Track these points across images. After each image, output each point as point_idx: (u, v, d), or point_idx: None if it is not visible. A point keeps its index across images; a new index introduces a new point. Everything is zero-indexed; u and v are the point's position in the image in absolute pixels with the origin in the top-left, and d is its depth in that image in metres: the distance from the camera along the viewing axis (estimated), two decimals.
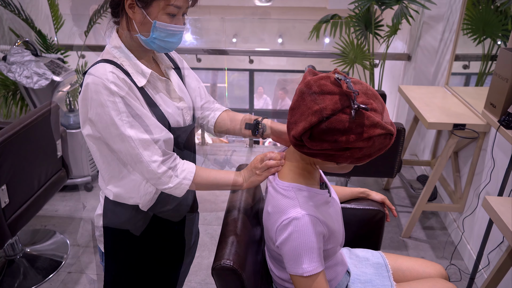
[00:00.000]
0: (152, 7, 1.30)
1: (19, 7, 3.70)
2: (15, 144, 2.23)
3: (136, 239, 1.53)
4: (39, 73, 3.17)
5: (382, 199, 1.90)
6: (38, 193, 2.55)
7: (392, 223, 3.30)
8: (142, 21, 1.32)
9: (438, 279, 1.69)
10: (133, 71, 1.36)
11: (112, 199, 1.47)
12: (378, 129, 1.14)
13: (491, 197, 1.88)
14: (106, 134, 1.32)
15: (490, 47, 3.01)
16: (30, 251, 2.91)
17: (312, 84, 1.18)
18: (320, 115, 1.13)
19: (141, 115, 1.32)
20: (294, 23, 9.13)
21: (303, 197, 1.32)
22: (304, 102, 1.18)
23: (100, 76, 1.27)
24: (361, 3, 3.72)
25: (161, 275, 1.64)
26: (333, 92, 1.15)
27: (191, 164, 1.45)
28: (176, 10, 1.32)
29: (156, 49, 1.39)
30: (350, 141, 1.13)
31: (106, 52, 1.39)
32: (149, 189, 1.43)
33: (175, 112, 1.46)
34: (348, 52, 3.96)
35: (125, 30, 1.37)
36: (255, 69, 8.38)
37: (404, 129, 2.62)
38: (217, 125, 1.70)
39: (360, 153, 1.17)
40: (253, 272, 1.46)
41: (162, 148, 1.35)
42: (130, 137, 1.30)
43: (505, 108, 2.27)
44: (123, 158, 1.37)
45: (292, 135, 1.21)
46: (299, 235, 1.25)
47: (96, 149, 1.40)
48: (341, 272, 1.62)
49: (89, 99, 1.29)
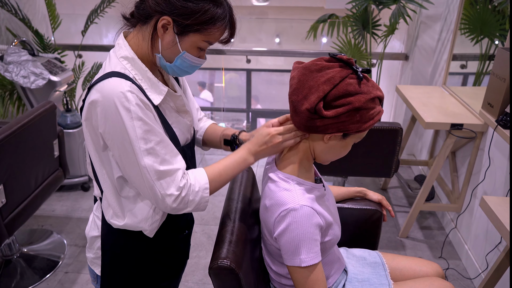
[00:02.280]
0: (187, 37, 1.24)
1: (16, 6, 3.68)
2: (12, 144, 2.23)
3: (137, 264, 1.49)
4: (36, 72, 3.16)
5: (379, 199, 1.90)
6: (35, 193, 2.54)
7: (389, 223, 3.30)
8: (171, 46, 1.25)
9: (435, 278, 1.69)
10: (147, 86, 1.28)
11: (116, 227, 1.39)
12: (378, 91, 1.27)
13: (489, 197, 1.88)
14: (121, 160, 1.24)
15: (488, 46, 3.01)
16: (27, 251, 2.90)
17: (310, 65, 1.28)
18: (331, 83, 1.22)
19: (160, 142, 1.23)
20: (291, 23, 9.14)
21: (300, 189, 1.35)
22: (308, 80, 1.25)
23: (117, 94, 1.16)
24: (359, 2, 3.72)
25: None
26: (332, 67, 1.25)
27: (203, 177, 1.33)
28: (208, 46, 1.29)
29: (168, 72, 1.33)
30: (362, 100, 1.22)
31: (114, 63, 1.27)
32: (156, 216, 1.38)
33: (186, 129, 1.43)
34: (345, 51, 3.96)
35: (144, 42, 1.28)
36: (253, 69, 8.37)
37: (402, 129, 2.62)
38: (204, 138, 1.69)
39: (367, 115, 1.25)
40: (251, 271, 1.46)
41: (178, 180, 1.26)
42: (145, 168, 1.21)
43: (503, 107, 2.27)
44: (135, 186, 1.29)
45: (306, 108, 1.24)
46: (297, 226, 1.28)
47: (101, 171, 1.33)
48: (338, 271, 1.63)
49: (101, 119, 1.19)
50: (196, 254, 2.93)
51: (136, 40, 1.29)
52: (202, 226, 3.24)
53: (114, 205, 1.36)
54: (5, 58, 3.18)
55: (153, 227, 1.38)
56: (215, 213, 3.39)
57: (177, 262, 1.62)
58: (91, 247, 1.50)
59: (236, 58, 7.46)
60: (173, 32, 1.23)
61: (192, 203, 1.30)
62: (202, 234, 3.14)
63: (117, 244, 1.45)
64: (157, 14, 1.21)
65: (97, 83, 1.21)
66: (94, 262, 1.51)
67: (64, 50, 4.12)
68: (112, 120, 1.18)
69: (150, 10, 1.22)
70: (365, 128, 1.27)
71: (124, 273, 1.49)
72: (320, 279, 1.33)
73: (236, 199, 1.63)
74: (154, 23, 1.23)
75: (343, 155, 1.40)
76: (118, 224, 1.37)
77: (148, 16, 1.24)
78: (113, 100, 1.16)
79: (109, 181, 1.34)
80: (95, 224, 1.48)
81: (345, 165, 2.79)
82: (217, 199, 3.56)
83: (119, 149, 1.21)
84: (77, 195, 3.63)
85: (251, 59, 4.68)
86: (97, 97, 1.18)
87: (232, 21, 1.29)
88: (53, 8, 3.91)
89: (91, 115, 1.21)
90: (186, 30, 1.22)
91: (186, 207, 1.30)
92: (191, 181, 1.30)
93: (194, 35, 1.23)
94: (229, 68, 9.69)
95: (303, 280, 1.32)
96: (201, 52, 1.30)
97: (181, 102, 1.41)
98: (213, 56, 5.06)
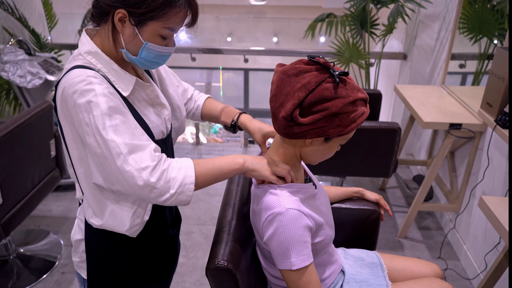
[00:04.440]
0: (146, 27, 1.20)
1: (13, 6, 3.67)
2: (9, 144, 2.22)
3: (123, 265, 1.46)
4: (32, 72, 3.15)
5: (377, 199, 1.89)
6: (32, 193, 2.53)
7: (388, 223, 3.29)
8: (132, 39, 1.22)
9: (434, 278, 1.69)
10: (114, 79, 1.25)
11: (96, 227, 1.35)
12: (360, 93, 1.24)
13: (488, 197, 1.87)
14: (87, 143, 1.17)
15: (487, 46, 3.01)
16: (24, 251, 2.89)
17: (288, 69, 1.26)
18: (306, 89, 1.20)
19: (126, 122, 1.18)
20: (289, 22, 9.14)
21: (287, 192, 1.34)
22: (285, 86, 1.24)
23: (79, 79, 1.14)
24: (357, 1, 3.71)
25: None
26: (310, 70, 1.23)
27: (185, 158, 1.27)
28: (171, 33, 1.25)
29: (138, 66, 1.30)
30: (339, 105, 1.19)
31: (78, 59, 1.25)
32: (136, 220, 1.32)
33: (160, 122, 1.38)
34: (343, 51, 3.95)
35: (107, 39, 1.25)
36: (250, 68, 8.38)
37: (400, 129, 2.61)
38: (203, 113, 1.70)
39: (347, 119, 1.22)
40: (248, 272, 1.45)
41: (152, 153, 1.18)
42: (113, 141, 1.14)
43: (502, 107, 2.26)
44: (105, 176, 1.21)
45: (282, 116, 1.22)
46: (284, 230, 1.27)
47: (83, 171, 1.29)
48: (335, 271, 1.62)
49: (69, 108, 1.16)
50: (194, 255, 2.92)
51: (100, 39, 1.27)
52: (200, 226, 3.23)
53: (93, 204, 1.32)
54: (2, 58, 3.17)
55: (132, 231, 1.34)
56: (212, 213, 3.38)
57: (166, 262, 1.58)
58: (76, 250, 1.48)
59: (234, 58, 7.46)
60: (131, 24, 1.20)
61: (174, 182, 1.19)
62: (199, 235, 3.13)
63: (101, 246, 1.42)
64: (112, 9, 1.19)
65: (60, 80, 1.20)
66: (80, 266, 1.49)
67: (60, 49, 4.11)
68: (75, 106, 1.15)
69: (104, 6, 1.20)
70: (347, 131, 1.25)
71: (111, 276, 1.47)
72: (313, 281, 1.32)
73: (234, 199, 1.63)
74: (111, 18, 1.21)
75: (329, 156, 1.40)
76: (96, 223, 1.33)
77: (104, 13, 1.22)
78: (75, 85, 1.14)
79: (89, 181, 1.30)
80: (79, 228, 1.45)
81: (343, 165, 2.78)
82: (214, 199, 3.55)
83: (85, 129, 1.16)
84: (73, 195, 3.61)
85: (248, 59, 4.68)
86: (61, 91, 1.17)
87: (191, 2, 1.23)
88: (49, 7, 3.90)
89: (63, 111, 1.20)
90: (143, 20, 1.19)
91: (169, 188, 1.19)
92: (172, 160, 1.24)
93: (153, 23, 1.20)
94: (226, 68, 9.70)
95: (296, 282, 1.31)
96: (166, 40, 1.26)
97: (153, 93, 1.37)
98: (210, 56, 5.05)
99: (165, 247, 1.57)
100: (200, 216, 3.35)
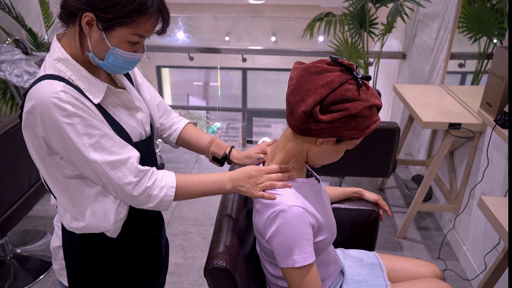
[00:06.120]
0: (114, 32, 1.17)
1: (10, 5, 3.66)
2: (5, 144, 2.22)
3: (105, 269, 1.44)
4: (29, 71, 3.14)
5: (376, 199, 1.89)
6: (29, 193, 2.53)
7: (387, 223, 3.28)
8: (99, 43, 1.19)
9: (433, 279, 1.69)
10: (85, 86, 1.22)
11: (79, 233, 1.34)
12: (377, 100, 1.25)
13: (487, 197, 1.86)
14: (71, 160, 1.20)
15: (486, 45, 3.00)
16: (21, 252, 2.88)
17: (310, 66, 1.26)
18: (329, 87, 1.20)
19: (104, 135, 1.20)
20: (287, 21, 9.12)
21: (291, 189, 1.35)
22: (306, 82, 1.24)
23: (50, 95, 1.12)
24: (356, 0, 3.70)
25: None
26: (333, 70, 1.24)
27: (171, 176, 1.33)
28: (141, 40, 1.22)
29: (105, 70, 1.27)
30: (358, 107, 1.20)
31: (48, 66, 1.22)
32: (121, 214, 1.33)
33: (136, 125, 1.36)
34: (342, 50, 3.94)
35: (74, 43, 1.22)
36: (248, 68, 8.36)
37: (399, 129, 2.60)
38: (180, 139, 1.65)
39: (363, 123, 1.24)
40: (246, 272, 1.46)
41: (134, 167, 1.24)
42: (96, 162, 1.18)
43: (501, 107, 2.25)
44: (96, 183, 1.26)
45: (302, 110, 1.22)
46: (287, 227, 1.27)
47: (49, 177, 1.29)
48: (335, 272, 1.62)
49: (39, 123, 1.15)
50: (191, 255, 2.91)
51: (68, 41, 1.24)
52: (198, 226, 3.21)
53: (70, 209, 1.31)
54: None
55: (117, 227, 1.33)
56: (210, 214, 3.37)
57: (150, 263, 1.55)
58: (56, 258, 1.46)
59: (232, 57, 7.44)
60: (98, 29, 1.16)
61: (155, 198, 1.29)
62: (197, 235, 3.12)
63: (79, 251, 1.40)
64: (80, 12, 1.15)
65: (30, 89, 1.17)
66: (60, 273, 1.48)
67: None
68: (50, 122, 1.14)
69: (72, 8, 1.16)
70: (359, 136, 1.27)
71: (93, 281, 1.45)
72: (315, 280, 1.31)
73: (232, 199, 1.62)
74: (79, 21, 1.17)
75: (335, 160, 1.40)
76: (78, 227, 1.31)
77: (72, 15, 1.18)
78: (47, 103, 1.12)
79: (60, 186, 1.29)
80: (57, 235, 1.44)
81: (342, 165, 2.77)
82: (212, 199, 3.54)
83: (65, 149, 1.18)
84: None
85: (247, 58, 4.67)
86: (31, 103, 1.14)
87: (162, 10, 1.21)
88: (46, 6, 3.89)
89: (29, 122, 1.18)
90: (111, 25, 1.15)
91: (149, 201, 1.29)
92: (158, 176, 1.31)
93: (121, 29, 1.16)
94: (224, 67, 9.67)
95: (298, 281, 1.30)
96: (135, 46, 1.23)
97: (126, 98, 1.35)
98: (208, 55, 5.04)
99: (148, 249, 1.53)
100: (198, 216, 3.34)
